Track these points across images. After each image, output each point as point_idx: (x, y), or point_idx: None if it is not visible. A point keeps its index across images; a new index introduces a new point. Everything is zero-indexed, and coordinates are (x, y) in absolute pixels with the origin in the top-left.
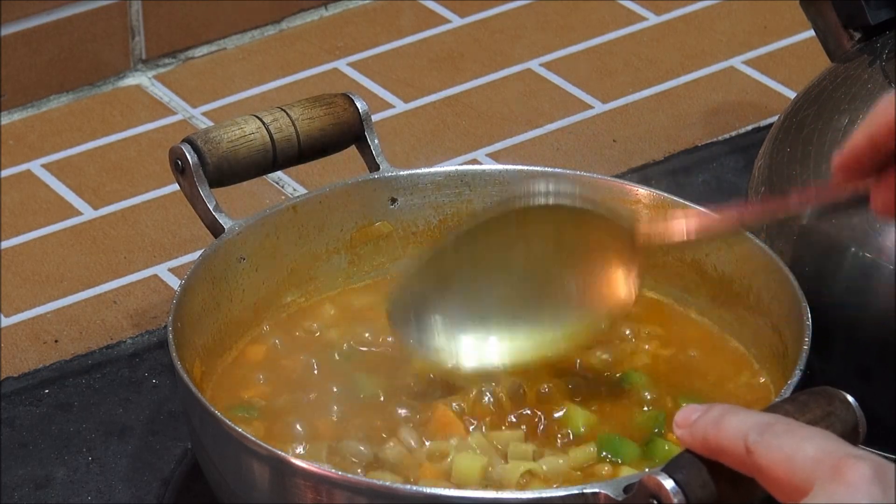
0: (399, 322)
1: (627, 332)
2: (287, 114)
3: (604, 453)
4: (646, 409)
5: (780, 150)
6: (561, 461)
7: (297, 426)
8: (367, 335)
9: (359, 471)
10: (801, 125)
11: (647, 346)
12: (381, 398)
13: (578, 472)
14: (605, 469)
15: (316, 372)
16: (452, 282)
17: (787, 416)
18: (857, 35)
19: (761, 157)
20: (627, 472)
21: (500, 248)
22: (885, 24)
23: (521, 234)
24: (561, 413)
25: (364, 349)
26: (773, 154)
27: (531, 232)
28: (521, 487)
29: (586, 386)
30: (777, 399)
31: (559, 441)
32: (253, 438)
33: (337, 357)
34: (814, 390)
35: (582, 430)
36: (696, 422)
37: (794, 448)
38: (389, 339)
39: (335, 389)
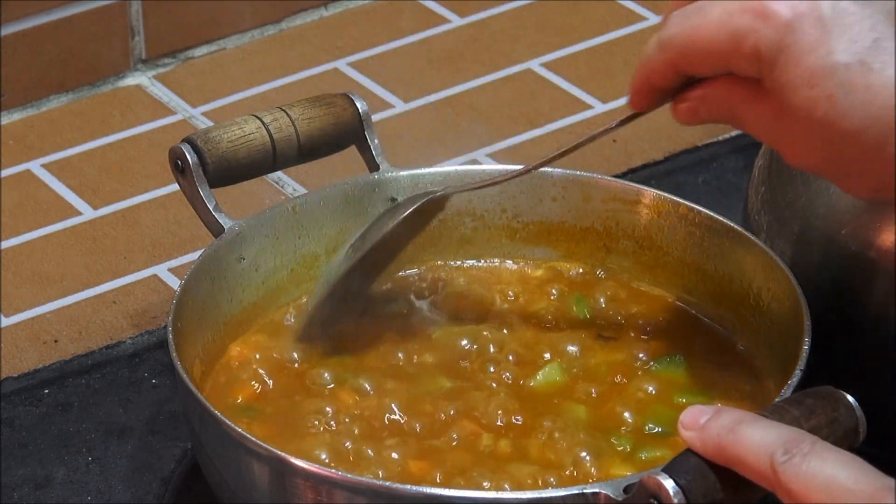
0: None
1: (631, 333)
2: (287, 114)
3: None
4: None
5: None
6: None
7: (297, 425)
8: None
9: (373, 473)
10: None
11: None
12: (381, 396)
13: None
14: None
15: (315, 371)
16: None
17: (788, 415)
18: None
19: (761, 157)
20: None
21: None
22: None
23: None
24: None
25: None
26: (773, 154)
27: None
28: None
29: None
30: (777, 399)
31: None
32: (253, 438)
33: (336, 357)
34: (814, 390)
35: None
36: (706, 426)
37: (828, 476)
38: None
39: (335, 389)
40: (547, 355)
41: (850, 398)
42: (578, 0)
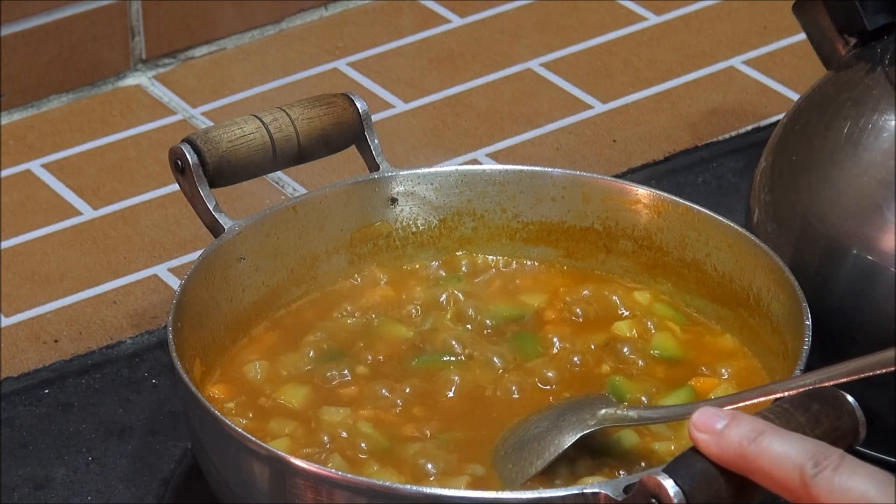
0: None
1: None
2: (287, 114)
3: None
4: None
5: (782, 155)
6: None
7: (298, 425)
8: (366, 334)
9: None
10: (803, 130)
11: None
12: (382, 397)
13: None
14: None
15: (315, 372)
16: None
17: (789, 416)
18: (853, 41)
19: (763, 162)
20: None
21: None
22: (882, 30)
23: None
24: None
25: (363, 349)
26: (774, 158)
27: None
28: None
29: None
30: (776, 399)
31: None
32: (253, 438)
33: (337, 357)
34: (814, 391)
35: None
36: (726, 433)
37: (861, 491)
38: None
39: (336, 388)
40: None
41: (849, 399)
42: (578, 0)
